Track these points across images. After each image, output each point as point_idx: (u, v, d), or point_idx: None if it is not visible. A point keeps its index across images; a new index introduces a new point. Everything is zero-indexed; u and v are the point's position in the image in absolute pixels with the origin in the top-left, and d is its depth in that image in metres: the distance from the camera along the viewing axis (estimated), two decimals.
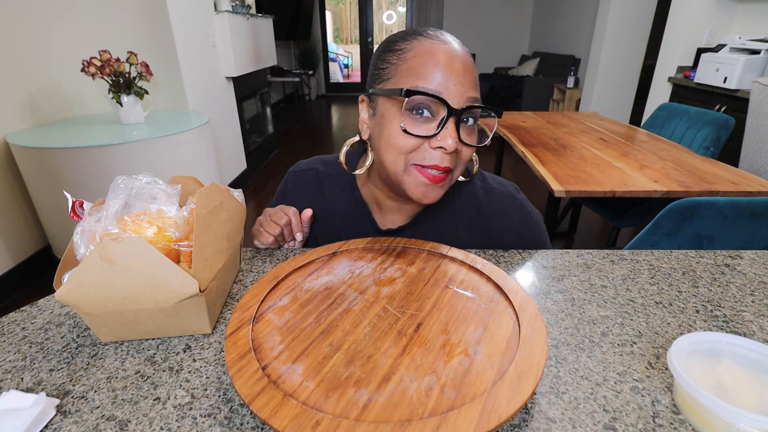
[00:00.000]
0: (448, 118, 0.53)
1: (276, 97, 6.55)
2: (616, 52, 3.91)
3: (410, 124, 0.54)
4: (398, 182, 0.59)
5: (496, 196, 0.69)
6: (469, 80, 0.55)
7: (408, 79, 0.55)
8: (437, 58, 0.54)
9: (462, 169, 0.60)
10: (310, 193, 0.72)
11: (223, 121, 2.96)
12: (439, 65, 0.53)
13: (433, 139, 0.54)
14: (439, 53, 0.54)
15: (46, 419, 0.38)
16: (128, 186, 0.50)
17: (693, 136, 1.85)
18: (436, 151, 0.55)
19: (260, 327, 0.45)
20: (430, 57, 0.54)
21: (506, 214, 0.68)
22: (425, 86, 0.53)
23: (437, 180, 0.57)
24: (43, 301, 0.57)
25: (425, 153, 0.56)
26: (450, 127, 0.54)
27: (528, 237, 0.69)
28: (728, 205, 0.87)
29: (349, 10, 8.41)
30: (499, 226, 0.68)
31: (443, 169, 0.56)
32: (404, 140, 0.55)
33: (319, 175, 0.73)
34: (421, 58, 0.54)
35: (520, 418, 0.38)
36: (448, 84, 0.53)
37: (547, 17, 6.21)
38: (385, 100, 0.57)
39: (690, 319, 0.52)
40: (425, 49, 0.55)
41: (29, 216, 2.02)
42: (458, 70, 0.54)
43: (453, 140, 0.53)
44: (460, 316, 0.47)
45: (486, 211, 0.68)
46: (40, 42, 2.04)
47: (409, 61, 0.55)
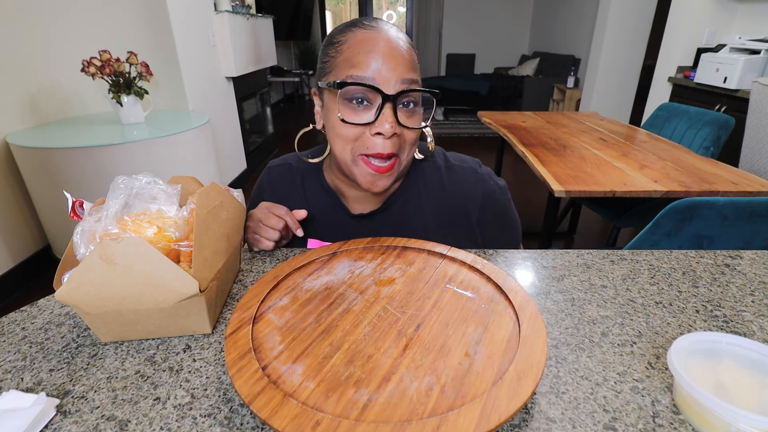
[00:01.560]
0: (383, 104, 0.55)
1: (276, 97, 6.55)
2: (616, 52, 3.91)
3: (349, 114, 0.57)
4: (349, 172, 0.61)
5: (457, 172, 0.70)
6: (402, 64, 0.56)
7: (344, 70, 0.56)
8: (369, 46, 0.55)
9: (409, 151, 0.61)
10: (284, 186, 0.74)
11: (223, 121, 2.96)
12: (372, 53, 0.55)
13: (372, 125, 0.56)
14: (372, 41, 0.56)
15: (46, 419, 0.38)
16: (128, 186, 0.50)
17: (693, 136, 1.85)
18: (377, 137, 0.57)
19: (260, 327, 0.45)
20: (362, 46, 0.56)
21: (468, 189, 0.69)
22: (359, 74, 0.55)
23: (382, 170, 0.59)
24: (43, 301, 0.57)
25: (368, 141, 0.57)
26: (386, 112, 0.55)
27: (492, 208, 0.70)
28: (728, 205, 0.87)
29: (349, 10, 8.41)
30: (464, 203, 0.69)
31: (386, 155, 0.57)
32: (345, 130, 0.57)
33: (292, 170, 0.74)
34: (354, 47, 0.56)
35: (520, 418, 0.38)
36: (381, 70, 0.55)
37: (547, 17, 6.20)
38: (327, 92, 0.59)
39: (690, 319, 0.52)
40: (359, 39, 0.57)
41: (29, 216, 2.02)
42: (391, 56, 0.55)
43: (390, 125, 0.55)
44: (460, 316, 0.47)
45: (449, 189, 0.69)
46: (40, 42, 2.04)
47: (344, 53, 0.57)
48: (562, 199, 1.46)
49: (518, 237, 0.75)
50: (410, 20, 7.07)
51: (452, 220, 0.69)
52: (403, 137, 0.59)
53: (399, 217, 0.69)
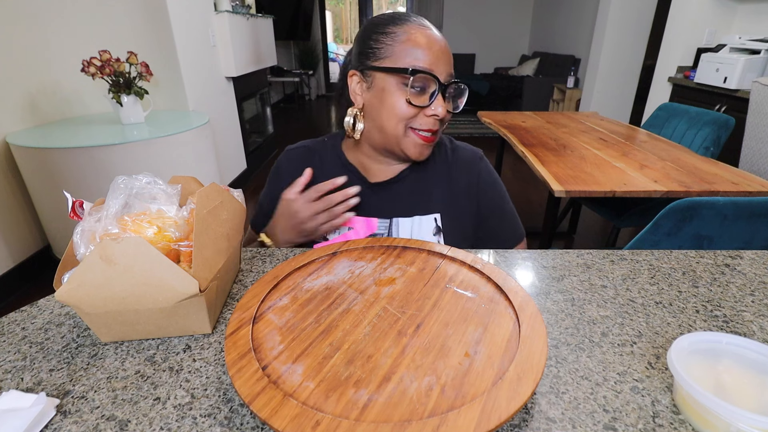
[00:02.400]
0: (438, 91, 0.67)
1: (276, 97, 6.55)
2: (616, 52, 3.91)
3: (413, 98, 0.67)
4: (398, 144, 0.71)
5: (461, 152, 0.82)
6: (449, 61, 0.69)
7: (406, 58, 0.66)
8: (427, 42, 0.66)
9: (443, 130, 0.74)
10: (302, 164, 0.79)
11: (223, 121, 2.96)
12: (431, 48, 0.66)
13: (428, 108, 0.67)
14: (428, 37, 0.67)
15: (46, 419, 0.38)
16: (128, 186, 0.50)
17: (693, 136, 1.85)
18: (430, 118, 0.68)
19: (260, 327, 0.45)
20: (421, 41, 0.66)
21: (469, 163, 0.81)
22: (422, 66, 0.66)
23: (430, 140, 0.71)
24: (43, 301, 0.57)
25: (421, 119, 0.69)
26: (440, 99, 0.67)
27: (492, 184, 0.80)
28: (728, 205, 0.87)
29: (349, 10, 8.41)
30: (466, 176, 0.79)
31: (435, 131, 0.70)
32: (408, 110, 0.67)
33: (309, 150, 0.83)
34: (414, 41, 0.66)
35: (520, 418, 0.38)
36: (438, 63, 0.66)
37: (547, 17, 6.20)
38: (384, 75, 0.68)
39: (690, 319, 0.52)
40: (416, 34, 0.67)
41: (29, 216, 2.02)
42: (443, 52, 0.68)
43: (443, 108, 0.67)
44: (460, 316, 0.47)
45: (454, 164, 0.80)
46: (40, 42, 2.04)
47: (403, 44, 0.67)
48: (562, 199, 1.46)
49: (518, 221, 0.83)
50: None
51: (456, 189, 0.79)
52: (444, 118, 0.69)
53: (412, 184, 0.78)
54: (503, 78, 6.07)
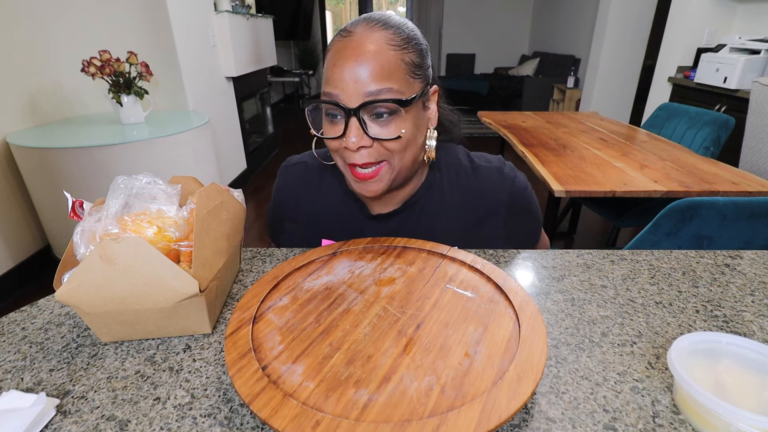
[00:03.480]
0: (348, 118, 0.54)
1: (276, 97, 6.55)
2: (616, 52, 3.91)
3: (327, 127, 0.58)
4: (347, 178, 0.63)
5: (483, 172, 0.69)
6: (367, 75, 0.53)
7: (323, 83, 0.56)
8: (338, 58, 0.54)
9: (402, 156, 0.58)
10: (300, 186, 0.73)
11: (223, 121, 2.96)
12: (337, 66, 0.54)
13: (342, 139, 0.56)
14: (341, 52, 0.54)
15: (46, 419, 0.38)
16: (128, 186, 0.50)
17: (693, 136, 1.85)
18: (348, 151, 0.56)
19: (260, 327, 0.45)
20: (334, 58, 0.55)
21: (494, 186, 0.68)
22: (329, 90, 0.55)
23: (366, 177, 0.58)
24: (43, 301, 0.57)
25: (347, 153, 0.57)
26: (351, 126, 0.54)
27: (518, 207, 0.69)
28: (728, 205, 0.87)
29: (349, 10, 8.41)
30: (490, 203, 0.68)
31: (363, 165, 0.57)
32: (328, 143, 0.59)
33: (308, 168, 0.73)
34: (329, 60, 0.56)
35: (520, 418, 0.38)
36: (347, 83, 0.53)
37: (547, 17, 6.20)
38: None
39: (690, 319, 0.52)
40: (334, 50, 0.56)
41: (29, 216, 2.02)
42: (353, 64, 0.53)
43: (356, 138, 0.54)
44: (460, 316, 0.47)
45: (475, 187, 0.68)
46: (40, 42, 2.04)
47: (326, 64, 0.57)
48: (562, 199, 1.46)
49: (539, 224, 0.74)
50: (410, 20, 7.08)
51: (477, 220, 0.68)
52: (385, 146, 0.56)
53: (420, 216, 0.68)
54: (503, 78, 6.07)
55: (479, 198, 0.68)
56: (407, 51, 0.56)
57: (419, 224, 0.68)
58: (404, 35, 0.57)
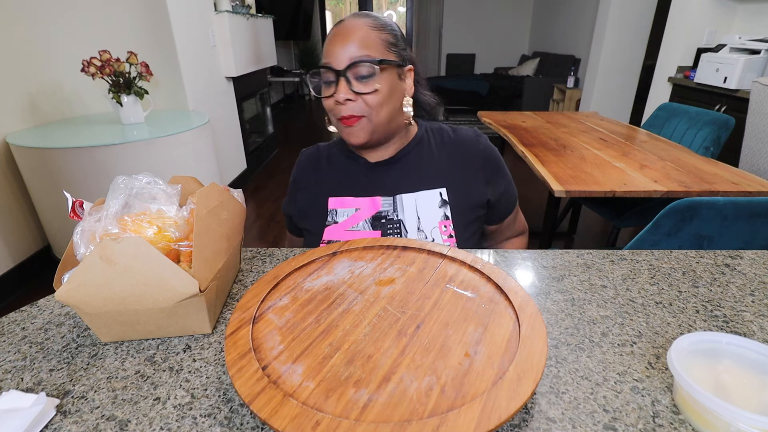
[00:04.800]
0: (337, 78, 0.70)
1: (276, 97, 6.54)
2: (616, 52, 3.91)
3: (324, 92, 0.73)
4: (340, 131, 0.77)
5: (461, 132, 0.86)
6: (353, 44, 0.69)
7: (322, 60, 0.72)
8: (331, 37, 0.71)
9: (379, 110, 0.72)
10: (312, 161, 0.87)
11: (223, 121, 2.96)
12: (330, 43, 0.71)
13: (333, 96, 0.71)
14: (335, 34, 0.71)
15: (46, 419, 0.38)
16: (128, 186, 0.50)
17: (693, 136, 1.85)
18: (338, 105, 0.71)
19: (260, 327, 0.45)
20: (329, 39, 0.72)
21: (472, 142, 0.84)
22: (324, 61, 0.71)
23: (351, 123, 0.73)
24: (43, 301, 0.57)
25: (336, 109, 0.72)
26: (340, 84, 0.69)
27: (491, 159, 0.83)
28: (728, 205, 0.87)
29: (349, 10, 8.41)
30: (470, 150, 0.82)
31: (349, 117, 0.72)
32: (324, 102, 0.74)
33: (320, 149, 0.89)
34: (326, 42, 0.72)
35: (520, 418, 0.38)
36: (336, 52, 0.69)
37: (547, 17, 6.20)
38: None
39: (690, 319, 0.52)
40: (330, 35, 0.72)
41: (29, 216, 2.02)
42: (341, 39, 0.69)
43: (343, 93, 0.69)
44: (460, 316, 0.47)
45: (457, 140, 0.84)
46: (40, 42, 2.04)
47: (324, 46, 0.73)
48: (562, 199, 1.46)
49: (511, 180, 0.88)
50: (410, 20, 7.07)
51: (462, 164, 0.81)
52: (365, 101, 0.70)
53: (414, 162, 0.81)
54: (503, 78, 6.07)
55: (461, 148, 0.83)
56: (383, 32, 0.72)
57: (413, 169, 0.81)
58: (381, 22, 0.74)
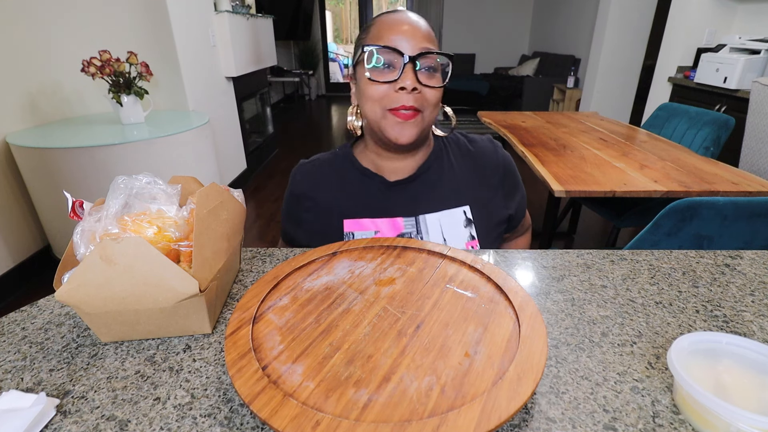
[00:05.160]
0: (405, 64, 0.64)
1: (276, 97, 6.54)
2: (616, 52, 3.91)
3: (375, 74, 0.66)
4: (379, 129, 0.69)
5: (480, 143, 0.83)
6: (419, 35, 0.65)
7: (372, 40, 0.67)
8: (390, 24, 0.66)
9: (432, 110, 0.69)
10: (316, 178, 0.80)
11: (223, 121, 2.96)
12: (392, 29, 0.66)
13: (396, 82, 0.65)
14: (393, 20, 0.67)
15: (46, 419, 0.38)
16: (128, 186, 0.50)
17: (693, 136, 1.85)
18: (401, 93, 0.65)
19: (260, 327, 0.45)
20: (385, 24, 0.67)
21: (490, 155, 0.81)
22: (384, 44, 0.65)
23: (407, 117, 0.67)
24: (43, 301, 0.57)
25: (393, 96, 0.66)
26: (407, 71, 0.64)
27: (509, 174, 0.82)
28: (728, 205, 0.87)
29: (349, 10, 8.41)
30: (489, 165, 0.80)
31: (410, 107, 0.66)
32: (374, 89, 0.66)
33: (322, 162, 0.81)
34: (379, 27, 0.67)
35: (520, 418, 0.38)
36: (401, 40, 0.65)
37: (547, 17, 6.20)
38: (359, 67, 0.69)
39: (690, 319, 0.52)
40: (383, 21, 0.68)
41: (29, 216, 2.02)
42: (409, 29, 0.65)
43: (411, 81, 0.64)
44: (460, 316, 0.47)
45: (475, 154, 0.81)
46: (40, 42, 2.04)
47: (371, 32, 0.68)
48: (562, 199, 1.46)
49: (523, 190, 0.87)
50: None
51: (482, 179, 0.79)
52: (424, 95, 0.66)
53: (435, 179, 0.77)
54: (503, 78, 6.07)
55: (481, 162, 0.80)
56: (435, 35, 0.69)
57: (434, 186, 0.76)
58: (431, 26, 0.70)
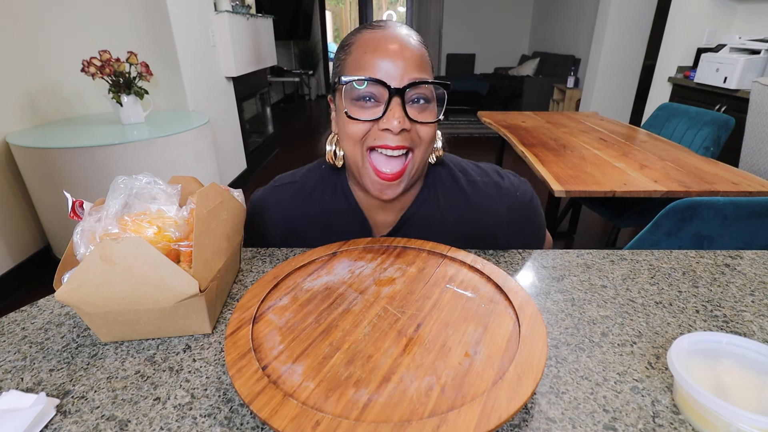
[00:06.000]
0: (390, 98, 0.53)
1: (276, 97, 6.55)
2: (616, 52, 3.91)
3: (356, 111, 0.55)
4: (359, 175, 0.60)
5: (480, 188, 0.67)
6: (411, 62, 0.54)
7: (352, 71, 0.55)
8: (375, 45, 0.54)
9: (425, 149, 0.59)
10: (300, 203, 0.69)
11: (223, 121, 2.96)
12: (377, 52, 0.54)
13: (380, 121, 0.54)
14: (378, 40, 0.55)
15: (46, 419, 0.38)
16: (128, 186, 0.50)
17: (693, 136, 1.85)
18: (386, 133, 0.55)
19: (260, 327, 0.45)
20: (369, 46, 0.55)
21: (494, 206, 0.67)
22: (365, 75, 0.54)
23: (390, 179, 0.57)
24: (43, 301, 0.57)
25: (378, 135, 0.56)
26: (394, 107, 0.53)
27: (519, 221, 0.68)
28: (728, 205, 0.87)
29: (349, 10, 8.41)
30: (489, 219, 0.67)
31: (395, 147, 0.55)
32: (353, 127, 0.56)
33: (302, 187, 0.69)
34: (361, 48, 0.55)
35: (520, 418, 0.38)
36: (388, 67, 0.53)
37: (547, 17, 6.20)
38: (338, 94, 0.58)
39: (690, 319, 0.52)
40: (365, 40, 0.56)
41: (29, 216, 2.02)
42: (397, 54, 0.54)
43: (398, 120, 0.53)
44: (460, 316, 0.47)
45: (474, 204, 0.67)
46: (40, 42, 2.04)
47: (353, 54, 0.56)
48: (562, 199, 1.46)
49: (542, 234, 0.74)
50: (410, 20, 7.08)
51: (476, 234, 0.67)
52: (417, 133, 0.56)
53: (420, 224, 0.67)
54: (503, 78, 6.07)
55: (477, 213, 0.67)
56: (428, 52, 0.58)
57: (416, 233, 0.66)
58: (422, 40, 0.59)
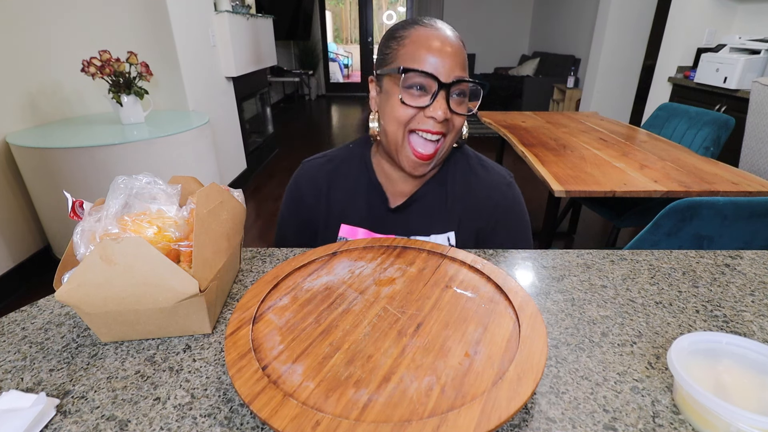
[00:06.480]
0: (438, 91, 0.63)
1: (276, 97, 6.54)
2: (616, 52, 3.91)
3: (407, 98, 0.64)
4: (397, 153, 0.69)
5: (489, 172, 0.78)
6: (457, 61, 0.64)
7: (406, 62, 0.64)
8: (429, 44, 0.63)
9: (454, 136, 0.69)
10: (326, 176, 0.79)
11: (223, 121, 2.95)
12: (432, 50, 0.63)
13: (427, 109, 0.64)
14: (432, 39, 0.64)
15: (46, 419, 0.38)
16: (128, 186, 0.50)
17: (693, 136, 1.85)
18: (429, 119, 0.65)
19: (260, 327, 0.45)
20: (424, 42, 0.64)
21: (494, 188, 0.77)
22: (420, 68, 0.63)
23: (425, 158, 0.67)
24: (43, 301, 0.57)
25: (422, 120, 0.65)
26: (440, 99, 0.63)
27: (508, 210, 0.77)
28: (728, 205, 0.87)
29: (349, 10, 8.41)
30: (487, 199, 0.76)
31: (435, 132, 0.66)
32: (403, 111, 0.65)
33: (331, 161, 0.80)
34: (416, 44, 0.64)
35: (520, 418, 0.38)
36: (438, 65, 0.63)
37: (547, 17, 6.20)
38: (388, 79, 0.67)
39: (690, 319, 0.52)
40: (420, 36, 0.65)
41: (29, 216, 2.01)
42: (447, 53, 0.63)
43: (443, 111, 0.63)
44: (460, 316, 0.47)
45: (478, 184, 0.77)
46: (40, 42, 2.04)
47: (407, 47, 0.65)
48: (562, 199, 1.46)
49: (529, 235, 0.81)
50: None
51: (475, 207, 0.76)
52: (452, 122, 0.66)
53: (431, 202, 0.76)
54: (503, 78, 6.07)
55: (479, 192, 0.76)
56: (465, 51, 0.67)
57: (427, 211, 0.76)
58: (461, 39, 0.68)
